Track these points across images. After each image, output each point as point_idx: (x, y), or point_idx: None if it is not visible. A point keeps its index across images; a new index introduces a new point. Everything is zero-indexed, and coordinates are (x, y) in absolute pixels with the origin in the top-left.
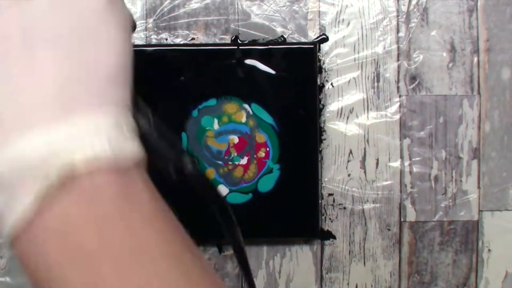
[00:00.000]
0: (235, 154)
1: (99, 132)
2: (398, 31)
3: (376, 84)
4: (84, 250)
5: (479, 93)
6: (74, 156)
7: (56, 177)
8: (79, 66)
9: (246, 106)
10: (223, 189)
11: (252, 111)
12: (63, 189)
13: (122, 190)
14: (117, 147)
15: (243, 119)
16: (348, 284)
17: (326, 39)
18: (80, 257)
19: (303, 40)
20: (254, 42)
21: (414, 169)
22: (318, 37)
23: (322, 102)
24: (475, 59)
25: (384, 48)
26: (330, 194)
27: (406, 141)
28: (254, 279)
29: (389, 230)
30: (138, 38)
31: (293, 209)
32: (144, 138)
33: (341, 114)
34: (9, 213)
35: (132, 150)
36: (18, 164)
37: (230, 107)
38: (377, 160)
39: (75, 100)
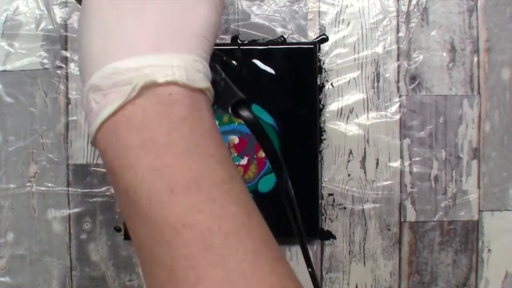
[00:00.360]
0: (235, 154)
1: (179, 66)
2: (398, 31)
3: (376, 84)
4: (155, 142)
5: (479, 93)
6: (156, 75)
7: (140, 86)
8: (176, 18)
9: None
10: None
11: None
12: (145, 93)
13: (191, 103)
14: (191, 78)
15: None
16: (348, 284)
17: (326, 39)
18: (152, 147)
19: (303, 40)
20: (254, 42)
21: (414, 169)
22: (318, 37)
23: (322, 102)
24: (475, 59)
25: (384, 48)
26: (330, 194)
27: (406, 141)
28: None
29: (389, 230)
30: None
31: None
32: (214, 86)
33: (341, 114)
34: (101, 110)
35: (203, 84)
36: (113, 78)
37: None
38: (377, 160)
39: (167, 42)
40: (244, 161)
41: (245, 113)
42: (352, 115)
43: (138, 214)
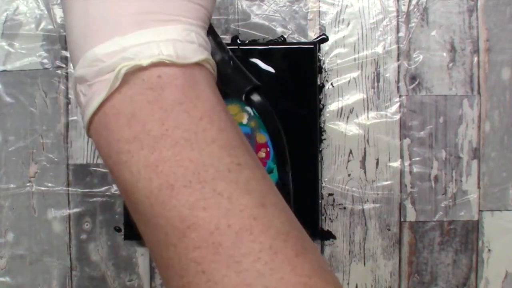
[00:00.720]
0: None
1: (167, 41)
2: (398, 31)
3: (376, 84)
4: (148, 134)
5: (479, 93)
6: (141, 56)
7: (124, 73)
8: None
9: (248, 107)
10: None
11: (254, 113)
12: (131, 79)
13: (185, 82)
14: (182, 52)
15: (244, 121)
16: (348, 284)
17: (326, 39)
18: (145, 140)
19: (303, 40)
20: (254, 42)
21: (414, 169)
22: (318, 37)
23: (322, 102)
24: (475, 59)
25: (384, 48)
26: (330, 194)
27: (406, 141)
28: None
29: (389, 230)
30: None
31: (293, 209)
32: (221, 68)
33: (341, 114)
34: (89, 103)
35: (197, 57)
36: (96, 66)
37: (232, 108)
38: (377, 160)
39: (151, 15)
40: None
41: (255, 97)
42: (352, 115)
43: (140, 215)
